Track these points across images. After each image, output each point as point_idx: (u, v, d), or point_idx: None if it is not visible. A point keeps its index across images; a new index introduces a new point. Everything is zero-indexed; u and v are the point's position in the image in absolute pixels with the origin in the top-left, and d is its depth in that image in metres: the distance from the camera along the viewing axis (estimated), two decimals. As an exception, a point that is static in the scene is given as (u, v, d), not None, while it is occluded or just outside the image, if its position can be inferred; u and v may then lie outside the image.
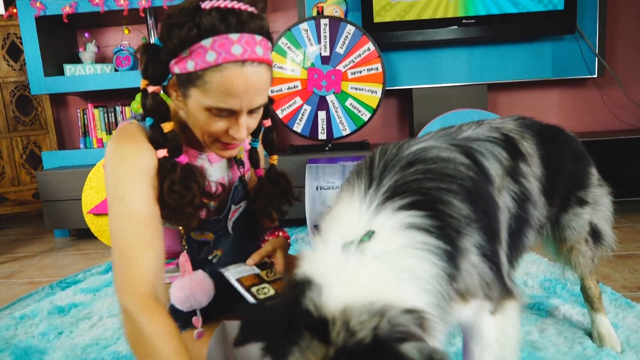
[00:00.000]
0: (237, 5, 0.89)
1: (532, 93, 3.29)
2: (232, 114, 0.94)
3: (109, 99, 3.40)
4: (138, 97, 1.06)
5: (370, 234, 0.73)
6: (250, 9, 0.92)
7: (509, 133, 1.04)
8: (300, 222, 2.76)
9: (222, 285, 1.10)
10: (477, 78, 3.07)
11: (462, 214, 0.81)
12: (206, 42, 0.87)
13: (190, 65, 0.89)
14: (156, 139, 0.97)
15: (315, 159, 2.61)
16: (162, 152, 0.97)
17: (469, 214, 0.82)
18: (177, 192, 0.95)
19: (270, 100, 1.15)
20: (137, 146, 0.96)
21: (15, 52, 3.38)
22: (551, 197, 1.09)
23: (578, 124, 3.31)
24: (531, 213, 1.02)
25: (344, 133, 2.89)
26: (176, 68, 0.93)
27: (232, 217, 1.15)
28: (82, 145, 3.28)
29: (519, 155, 1.01)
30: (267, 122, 1.19)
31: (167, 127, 0.97)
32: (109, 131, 3.25)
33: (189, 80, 0.91)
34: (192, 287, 1.03)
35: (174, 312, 1.14)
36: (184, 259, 1.05)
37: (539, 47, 3.03)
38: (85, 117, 3.25)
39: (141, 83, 0.98)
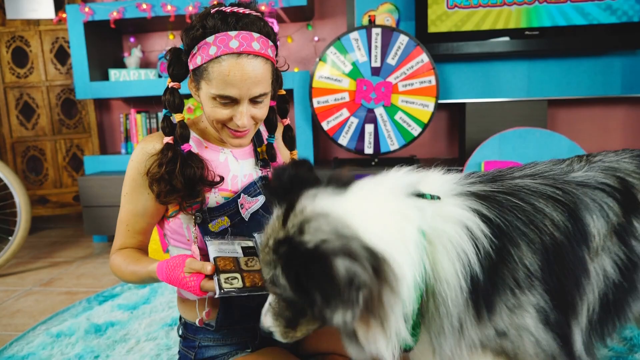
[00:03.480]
0: (241, 10, 1.06)
1: (596, 111, 3.05)
2: (234, 102, 1.07)
3: (152, 104, 3.37)
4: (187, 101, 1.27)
5: (435, 198, 0.78)
6: (255, 14, 1.07)
7: (627, 178, 0.88)
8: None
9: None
10: (536, 93, 2.86)
11: (526, 265, 0.75)
12: (210, 39, 1.03)
13: (198, 60, 1.05)
14: (164, 127, 1.14)
15: (361, 174, 2.47)
16: (167, 139, 1.13)
17: (535, 270, 0.75)
18: (155, 170, 1.10)
19: (285, 100, 1.26)
20: (145, 147, 1.15)
21: (62, 56, 3.40)
22: None
23: (646, 145, 3.05)
24: None
25: (392, 148, 2.74)
26: (190, 64, 1.08)
27: (247, 207, 1.20)
28: (123, 150, 3.26)
29: (635, 210, 0.86)
30: (286, 121, 1.30)
31: (177, 117, 1.14)
32: (150, 137, 3.21)
33: (199, 74, 1.06)
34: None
35: (227, 335, 1.24)
36: (193, 247, 1.14)
37: (607, 62, 2.79)
38: (127, 122, 3.22)
39: (167, 81, 1.15)
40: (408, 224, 0.73)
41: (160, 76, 3.10)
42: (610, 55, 2.77)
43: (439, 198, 0.78)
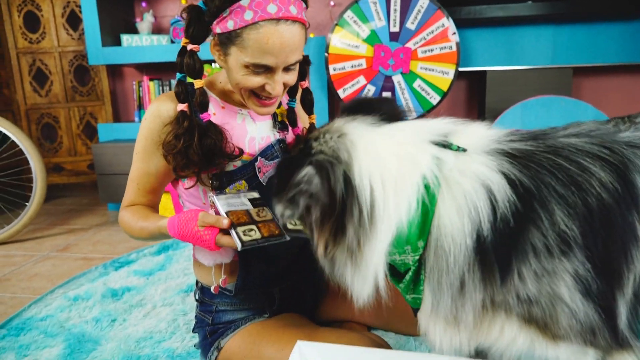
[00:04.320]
0: None
1: (624, 79, 2.92)
2: (268, 70, 1.00)
3: (165, 71, 3.32)
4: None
5: (460, 150, 0.75)
6: None
7: None
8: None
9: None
10: (561, 60, 2.74)
11: (561, 230, 0.70)
12: (244, 2, 0.94)
13: (230, 24, 0.96)
14: (179, 93, 1.07)
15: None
16: (182, 106, 1.06)
17: (573, 235, 0.70)
18: (171, 142, 1.05)
19: (307, 62, 1.18)
20: (159, 107, 1.10)
21: (74, 21, 3.35)
22: None
23: (675, 116, 2.93)
24: None
25: (410, 117, 2.66)
26: (217, 28, 1.00)
27: (265, 171, 1.16)
28: (136, 118, 3.23)
29: None
30: (305, 84, 1.23)
31: (197, 83, 1.06)
32: (163, 105, 3.17)
33: (229, 39, 0.98)
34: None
35: (244, 300, 1.22)
36: (210, 212, 1.09)
37: (638, 27, 2.65)
38: (140, 89, 3.18)
39: (182, 41, 1.06)
40: (412, 169, 0.73)
41: (172, 42, 3.03)
42: (642, 19, 2.63)
43: (464, 150, 0.76)
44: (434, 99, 2.61)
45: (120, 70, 3.47)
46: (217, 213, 1.05)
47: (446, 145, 0.76)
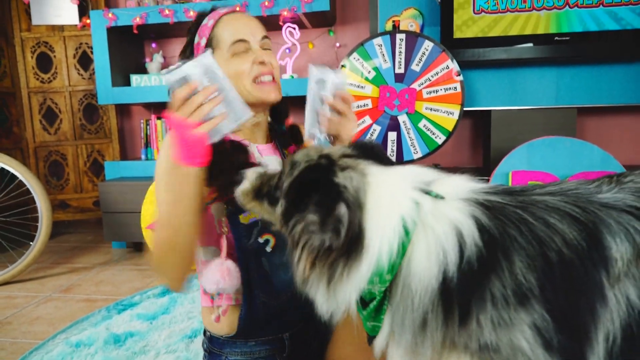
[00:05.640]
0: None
1: (628, 120, 2.94)
2: (248, 48, 1.13)
3: (172, 110, 3.37)
4: None
5: (438, 197, 0.78)
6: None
7: None
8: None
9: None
10: (565, 101, 2.77)
11: (519, 281, 0.70)
12: (203, 21, 1.14)
13: (203, 42, 1.12)
14: None
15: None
16: None
17: (531, 287, 0.70)
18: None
19: (285, 103, 1.28)
20: None
21: (85, 61, 3.43)
22: None
23: (681, 155, 2.93)
24: None
25: (415, 156, 2.67)
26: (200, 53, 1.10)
27: None
28: (143, 156, 3.25)
29: None
30: (290, 120, 1.31)
31: None
32: (170, 143, 3.20)
33: (210, 50, 1.06)
34: (221, 272, 1.10)
35: (255, 347, 1.20)
36: (221, 240, 1.11)
37: (641, 69, 2.69)
38: (148, 127, 3.22)
39: None
40: (396, 210, 0.76)
41: (181, 82, 3.09)
42: (644, 61, 2.67)
43: (442, 198, 0.79)
44: (440, 138, 2.62)
45: (128, 108, 3.52)
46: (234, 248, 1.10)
47: (427, 192, 0.80)
